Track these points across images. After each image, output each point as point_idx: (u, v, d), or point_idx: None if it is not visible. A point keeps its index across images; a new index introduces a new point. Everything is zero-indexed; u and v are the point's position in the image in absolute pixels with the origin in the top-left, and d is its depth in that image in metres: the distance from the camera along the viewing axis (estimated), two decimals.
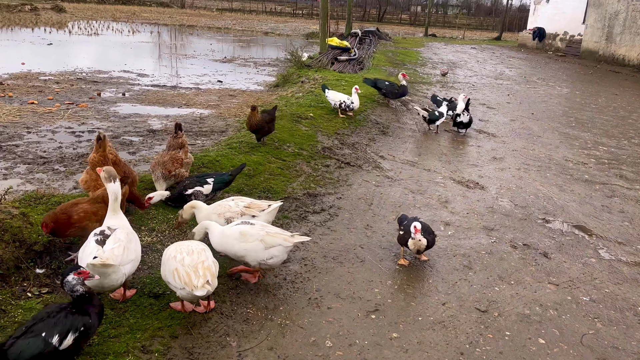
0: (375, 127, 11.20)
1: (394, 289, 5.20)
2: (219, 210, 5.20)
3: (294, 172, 8.10)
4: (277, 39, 32.03)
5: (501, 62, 25.16)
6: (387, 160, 9.30)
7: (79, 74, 15.49)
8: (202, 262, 4.07)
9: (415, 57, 23.85)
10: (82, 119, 10.31)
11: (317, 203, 7.16)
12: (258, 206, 5.29)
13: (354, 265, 5.62)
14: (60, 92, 12.61)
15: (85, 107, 11.24)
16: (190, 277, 3.96)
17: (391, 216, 6.98)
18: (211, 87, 15.16)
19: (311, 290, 5.05)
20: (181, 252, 4.11)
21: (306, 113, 10.88)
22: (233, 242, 4.65)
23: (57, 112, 10.69)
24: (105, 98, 12.46)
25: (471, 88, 17.26)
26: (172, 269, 4.05)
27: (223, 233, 4.71)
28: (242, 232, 4.64)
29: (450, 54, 27.02)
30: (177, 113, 11.53)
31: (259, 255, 4.65)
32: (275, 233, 4.69)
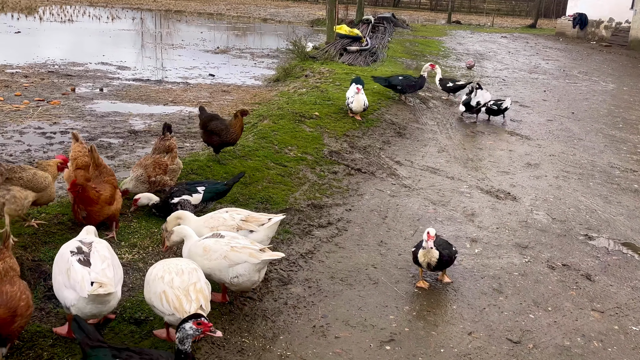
0: (390, 128, 11.23)
1: (412, 316, 5.20)
2: (211, 223, 5.21)
3: (296, 179, 8.13)
4: (278, 27, 32.23)
5: (536, 53, 25.19)
6: (404, 167, 9.31)
7: (50, 66, 15.63)
8: (193, 284, 4.04)
9: (436, 48, 23.91)
10: (53, 118, 10.40)
11: (323, 215, 7.18)
12: (257, 219, 5.29)
13: (365, 287, 5.62)
14: (30, 88, 12.73)
15: (57, 105, 11.34)
16: (181, 302, 3.93)
17: (408, 231, 6.99)
18: (202, 81, 15.24)
19: (316, 317, 5.05)
20: (170, 272, 4.09)
21: (311, 112, 10.93)
22: (198, 259, 4.58)
23: (25, 110, 10.79)
24: (81, 94, 12.56)
25: (501, 83, 17.27)
26: (159, 292, 4.02)
27: (190, 249, 4.73)
28: (204, 248, 4.65)
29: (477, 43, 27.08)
30: (163, 111, 11.61)
31: (223, 275, 4.61)
32: (241, 248, 4.60)
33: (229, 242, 4.66)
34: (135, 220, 6.18)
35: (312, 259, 6.12)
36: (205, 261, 4.60)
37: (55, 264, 4.13)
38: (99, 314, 3.98)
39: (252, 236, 5.18)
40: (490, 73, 19.00)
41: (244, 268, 4.61)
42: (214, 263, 4.60)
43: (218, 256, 4.60)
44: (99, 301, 3.83)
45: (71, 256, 3.99)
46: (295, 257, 6.09)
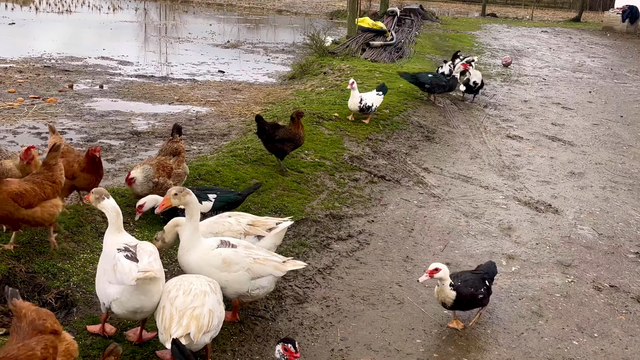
0: (417, 132, 11.21)
1: (441, 340, 5.17)
2: (215, 228, 5.24)
3: (313, 187, 8.15)
4: (294, 19, 32.41)
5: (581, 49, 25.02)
6: (432, 174, 9.29)
7: (47, 60, 15.87)
8: (193, 308, 4.07)
9: (469, 43, 23.86)
10: (49, 117, 10.55)
11: (343, 227, 7.18)
12: (264, 224, 5.34)
13: (389, 308, 5.61)
14: (24, 84, 12.93)
15: (54, 102, 11.50)
16: (171, 323, 3.99)
17: (437, 246, 6.97)
18: (210, 78, 15.37)
19: (334, 340, 5.05)
20: (178, 289, 4.21)
21: (330, 112, 10.96)
22: (213, 271, 4.65)
23: (19, 108, 10.96)
24: (79, 91, 12.73)
25: (541, 83, 17.18)
26: (161, 306, 4.20)
27: (202, 259, 4.69)
28: (224, 260, 4.65)
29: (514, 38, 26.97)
30: (168, 111, 11.72)
31: (242, 288, 4.71)
32: (264, 260, 4.75)
33: (249, 254, 4.73)
34: (137, 229, 6.23)
35: (330, 275, 6.12)
36: (224, 273, 4.65)
37: (99, 266, 4.42)
38: (140, 310, 4.22)
39: (260, 243, 5.22)
40: (529, 72, 18.91)
41: (267, 280, 4.78)
42: (233, 275, 4.67)
43: (240, 268, 4.67)
44: (143, 291, 4.10)
45: (118, 252, 4.28)
46: (312, 272, 6.10)
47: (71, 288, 5.01)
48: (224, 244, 4.80)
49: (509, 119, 12.86)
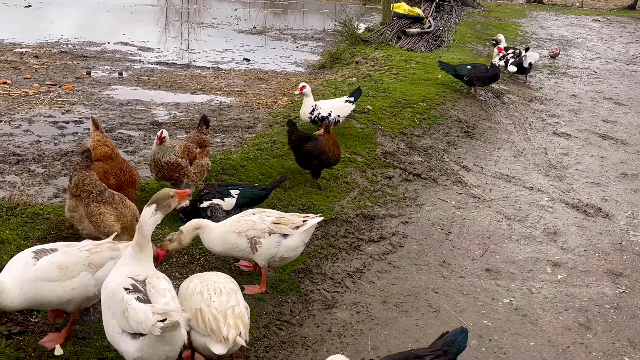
0: (456, 127, 11.13)
1: (480, 352, 5.13)
2: (238, 227, 5.28)
3: (343, 184, 8.14)
4: (324, 4, 32.38)
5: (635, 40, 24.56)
6: (472, 173, 9.22)
7: (63, 45, 16.10)
8: (232, 307, 4.14)
9: (513, 32, 23.60)
10: (66, 105, 10.70)
11: (375, 228, 7.17)
12: (290, 222, 5.35)
13: (424, 316, 5.59)
14: (40, 70, 13.14)
15: (71, 90, 11.67)
16: (219, 325, 4.01)
17: (477, 250, 6.92)
18: (235, 67, 15.44)
19: (365, 348, 5.04)
20: (208, 290, 4.21)
21: (362, 105, 10.94)
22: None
23: (35, 95, 11.14)
24: (97, 78, 12.90)
25: (592, 76, 16.92)
26: (196, 308, 4.12)
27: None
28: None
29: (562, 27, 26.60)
30: (190, 101, 11.81)
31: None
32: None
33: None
34: (157, 226, 6.27)
35: (361, 279, 6.12)
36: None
37: (104, 304, 3.93)
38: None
39: (286, 242, 5.26)
40: (578, 63, 18.64)
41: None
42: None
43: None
44: (166, 340, 3.66)
45: (127, 294, 3.77)
46: (341, 276, 6.10)
47: None
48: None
49: (556, 115, 12.69)
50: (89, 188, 5.28)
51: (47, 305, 4.22)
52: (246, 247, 5.23)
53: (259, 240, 5.20)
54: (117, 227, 5.20)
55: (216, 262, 5.88)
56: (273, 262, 5.30)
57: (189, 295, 4.24)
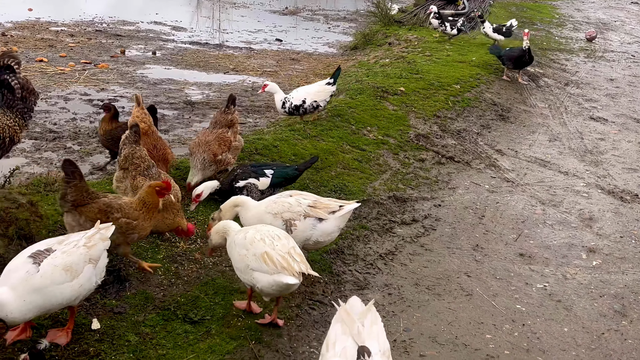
0: (490, 110, 10.99)
1: (513, 337, 5.10)
2: (274, 209, 5.29)
3: (375, 166, 8.11)
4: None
5: None
6: (506, 157, 9.11)
7: (98, 24, 16.23)
8: (292, 247, 4.60)
9: (549, 14, 23.15)
10: (101, 83, 10.81)
11: (407, 211, 7.13)
12: (326, 206, 5.33)
13: (456, 299, 5.56)
14: (75, 48, 13.27)
15: (105, 68, 11.77)
16: (289, 262, 4.46)
17: (510, 235, 6.85)
18: (267, 47, 15.43)
19: (397, 330, 5.04)
20: (268, 236, 4.61)
21: (395, 86, 10.85)
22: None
23: (71, 73, 11.26)
24: (131, 57, 12.98)
25: (630, 60, 16.55)
26: (261, 252, 4.49)
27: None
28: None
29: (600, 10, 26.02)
30: (223, 81, 11.84)
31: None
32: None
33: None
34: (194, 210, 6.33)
35: (392, 261, 6.10)
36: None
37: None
38: None
39: (322, 226, 5.25)
40: (615, 47, 18.23)
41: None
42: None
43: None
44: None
45: None
46: (373, 257, 6.09)
47: (124, 262, 5.14)
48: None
49: (593, 99, 12.46)
50: (137, 162, 5.40)
51: (56, 308, 4.10)
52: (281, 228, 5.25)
53: (294, 223, 5.20)
54: (160, 203, 5.25)
55: None
56: (307, 245, 5.30)
57: (250, 243, 4.56)
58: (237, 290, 5.15)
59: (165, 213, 5.31)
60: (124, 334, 4.45)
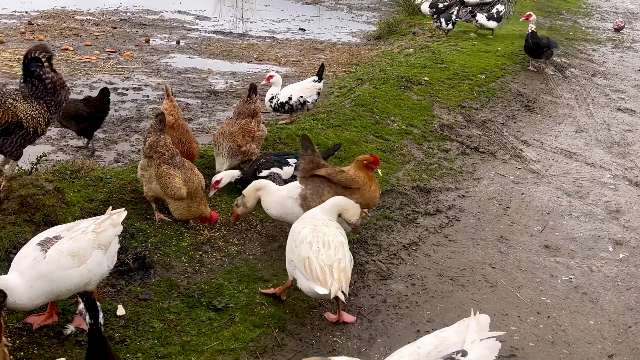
0: (516, 100, 10.88)
1: (538, 329, 5.05)
2: (296, 192, 5.33)
3: (399, 156, 8.07)
4: None
5: None
6: (531, 148, 9.01)
7: (122, 13, 16.31)
8: (338, 260, 4.44)
9: (575, 4, 22.83)
10: (126, 72, 10.87)
11: (431, 201, 7.09)
12: None
13: (480, 290, 5.52)
14: (100, 37, 13.36)
15: (130, 57, 11.84)
16: (325, 275, 4.36)
17: (535, 227, 6.78)
18: (290, 36, 15.39)
19: (420, 320, 5.02)
20: (317, 242, 4.50)
21: (419, 76, 10.78)
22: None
23: (96, 62, 11.34)
24: (155, 46, 13.04)
25: None
26: (304, 256, 4.46)
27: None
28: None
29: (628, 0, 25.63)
30: (246, 70, 11.84)
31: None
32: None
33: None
34: (217, 198, 6.35)
35: (416, 251, 6.08)
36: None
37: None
38: None
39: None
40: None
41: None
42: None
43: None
44: None
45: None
46: (396, 248, 6.07)
47: (149, 249, 5.18)
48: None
49: (620, 90, 12.26)
50: (162, 150, 5.43)
51: (65, 294, 4.12)
52: (301, 214, 5.27)
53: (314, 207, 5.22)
54: (184, 190, 5.29)
55: (273, 230, 5.92)
56: None
57: (299, 242, 4.54)
58: (261, 278, 5.17)
59: (190, 201, 5.35)
60: (149, 321, 4.49)
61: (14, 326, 4.27)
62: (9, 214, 4.83)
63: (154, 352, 4.21)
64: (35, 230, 4.80)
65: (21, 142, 4.89)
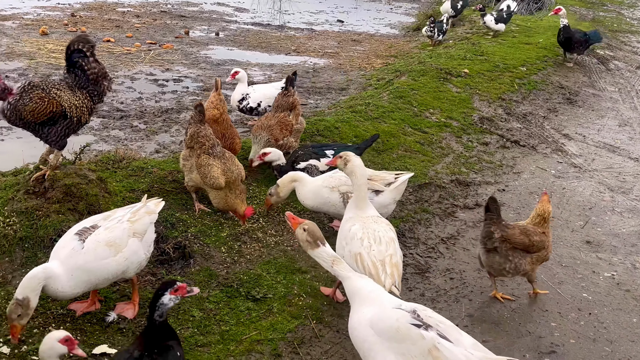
0: (557, 93, 10.69)
1: (579, 326, 4.97)
2: (331, 183, 5.35)
3: (438, 149, 8.00)
4: None
5: None
6: (573, 142, 8.85)
7: (163, 5, 16.47)
8: (390, 255, 4.38)
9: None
10: (166, 63, 10.97)
11: (470, 195, 7.02)
12: (382, 178, 5.40)
13: (520, 285, 5.45)
14: (141, 29, 13.51)
15: (170, 49, 11.94)
16: (378, 271, 4.28)
17: (577, 222, 6.66)
18: (328, 28, 15.36)
19: (459, 315, 4.98)
20: (369, 238, 4.43)
21: (459, 68, 10.66)
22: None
23: (137, 53, 11.47)
24: (195, 38, 13.13)
25: None
26: (355, 252, 4.39)
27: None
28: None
29: None
30: (284, 62, 11.85)
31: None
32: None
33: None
34: (254, 184, 6.39)
35: (455, 245, 6.03)
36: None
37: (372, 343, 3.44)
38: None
39: (378, 198, 5.33)
40: None
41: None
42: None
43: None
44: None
45: (433, 334, 3.32)
46: (434, 241, 6.03)
47: (189, 239, 5.24)
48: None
49: None
50: (202, 140, 5.50)
51: (104, 283, 4.17)
52: (338, 202, 5.29)
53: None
54: (222, 180, 5.34)
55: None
56: None
57: (350, 239, 4.46)
58: (299, 269, 5.19)
59: (228, 191, 5.39)
60: (189, 309, 4.54)
61: (58, 312, 4.37)
62: (53, 202, 4.92)
63: (194, 341, 4.26)
64: (79, 218, 4.88)
65: (65, 132, 4.97)
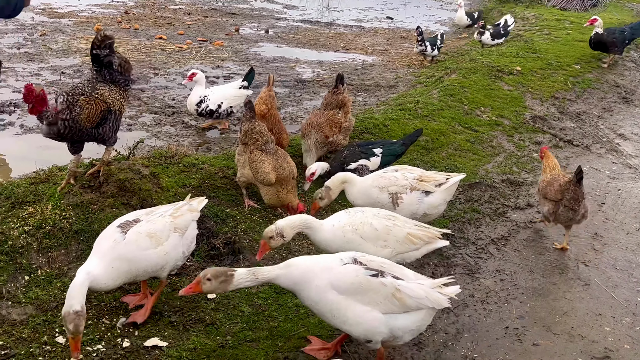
0: (612, 92, 10.42)
1: (634, 331, 4.84)
2: (380, 183, 5.29)
3: (489, 148, 7.90)
4: None
5: None
6: (629, 142, 8.62)
7: (213, 2, 16.67)
8: (412, 222, 4.67)
9: None
10: (217, 60, 11.10)
11: (522, 195, 6.91)
12: (432, 179, 5.30)
13: (572, 288, 5.34)
14: (192, 26, 13.70)
15: (220, 46, 12.08)
16: (431, 231, 4.61)
17: (632, 224, 6.49)
18: (377, 25, 15.30)
19: (509, 317, 4.91)
20: (394, 221, 4.60)
21: (511, 66, 10.49)
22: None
23: (188, 50, 11.64)
24: (245, 35, 13.25)
25: None
26: (403, 235, 4.53)
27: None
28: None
29: None
30: (333, 59, 11.86)
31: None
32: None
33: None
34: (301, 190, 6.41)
35: (505, 246, 5.94)
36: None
37: (338, 302, 3.78)
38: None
39: (428, 199, 5.23)
40: None
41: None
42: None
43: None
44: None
45: (392, 279, 3.85)
46: (484, 242, 5.95)
47: (238, 235, 5.29)
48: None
49: None
50: (256, 136, 5.58)
51: (143, 275, 4.20)
52: (387, 202, 5.24)
53: (400, 196, 5.19)
54: (273, 176, 5.38)
55: None
56: (414, 218, 5.25)
57: (386, 233, 4.50)
58: None
59: (279, 187, 5.42)
60: (238, 305, 4.59)
61: (111, 305, 4.47)
62: (107, 196, 5.03)
63: (243, 336, 4.30)
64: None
65: (116, 126, 5.09)
